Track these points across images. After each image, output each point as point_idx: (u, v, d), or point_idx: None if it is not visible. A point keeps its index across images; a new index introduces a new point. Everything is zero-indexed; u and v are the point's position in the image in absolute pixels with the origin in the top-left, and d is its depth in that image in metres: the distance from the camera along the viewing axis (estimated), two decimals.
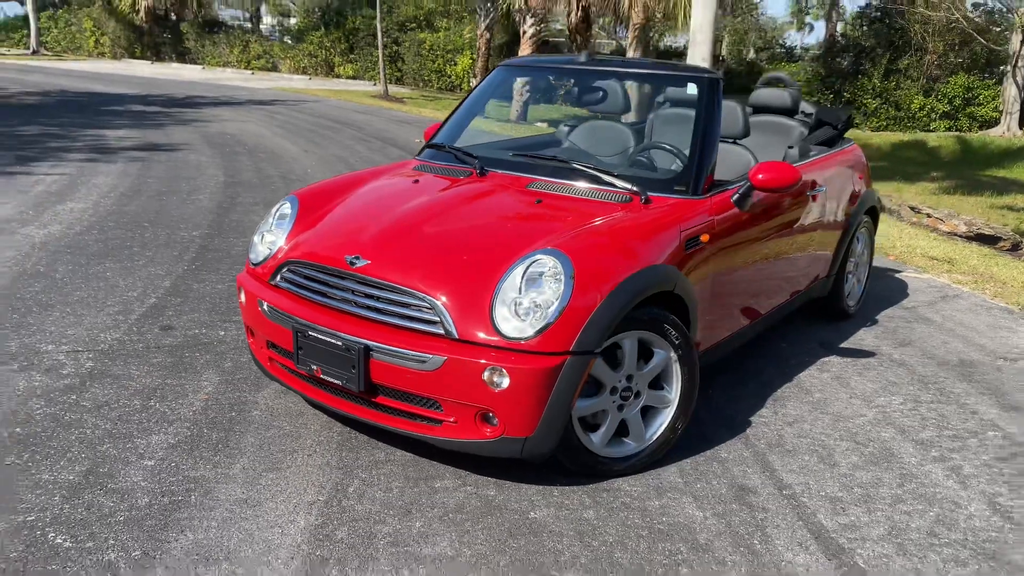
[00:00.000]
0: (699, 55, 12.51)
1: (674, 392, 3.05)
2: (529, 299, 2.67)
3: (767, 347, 4.39)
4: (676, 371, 3.03)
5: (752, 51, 26.50)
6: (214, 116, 14.69)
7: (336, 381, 2.88)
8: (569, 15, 17.85)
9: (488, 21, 19.68)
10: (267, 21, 37.85)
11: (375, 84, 26.31)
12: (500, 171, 3.52)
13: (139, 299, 4.57)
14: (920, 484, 3.05)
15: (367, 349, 2.76)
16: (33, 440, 2.99)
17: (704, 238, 3.18)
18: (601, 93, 3.84)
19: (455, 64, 26.82)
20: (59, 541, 2.43)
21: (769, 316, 4.01)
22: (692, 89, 3.59)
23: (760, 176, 3.36)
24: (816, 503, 2.88)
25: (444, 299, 2.72)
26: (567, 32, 19.33)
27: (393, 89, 24.86)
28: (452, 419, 2.74)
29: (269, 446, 3.06)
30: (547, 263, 2.71)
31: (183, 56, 34.29)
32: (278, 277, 3.16)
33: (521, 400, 2.63)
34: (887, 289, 5.67)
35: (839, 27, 28.92)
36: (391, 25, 29.38)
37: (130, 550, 2.40)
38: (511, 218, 3.15)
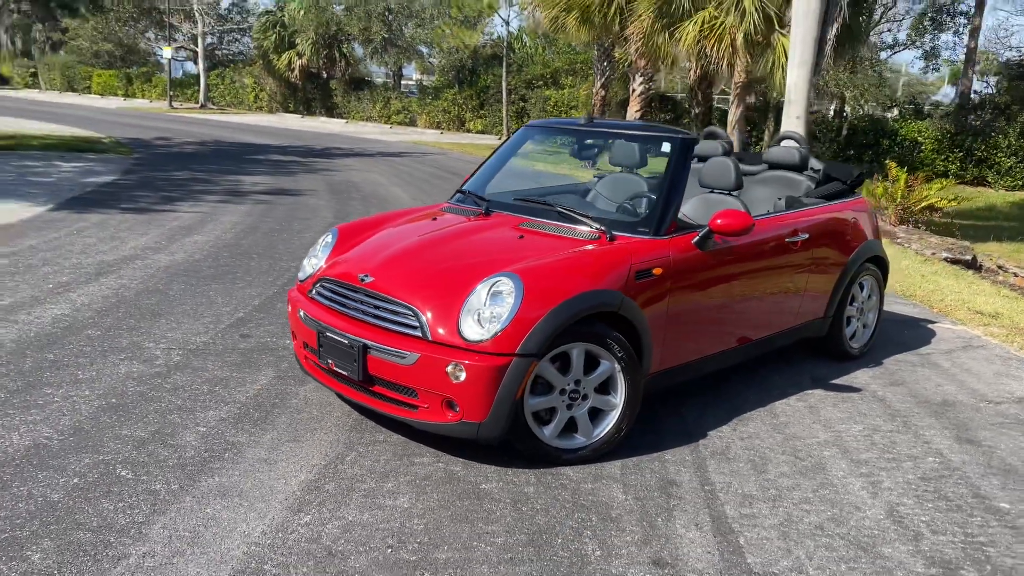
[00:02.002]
0: (793, 113, 12.92)
1: (619, 398, 3.63)
2: (489, 311, 3.35)
3: (757, 377, 4.84)
4: (620, 380, 3.61)
5: (879, 107, 26.10)
6: (343, 166, 16.17)
7: (344, 372, 3.64)
8: (690, 72, 18.44)
9: (603, 79, 20.57)
10: (411, 77, 40.33)
11: (499, 138, 27.64)
12: (503, 212, 4.24)
13: (230, 313, 5.53)
14: (833, 491, 3.48)
15: (365, 347, 3.52)
16: (122, 408, 3.91)
17: (657, 271, 3.77)
18: (596, 149, 4.51)
19: None
20: (123, 473, 3.28)
21: (748, 347, 4.49)
22: (666, 147, 4.19)
23: (718, 221, 3.92)
24: (728, 497, 3.37)
25: (423, 309, 3.44)
26: (690, 89, 19.91)
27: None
28: (426, 405, 3.43)
29: (296, 425, 3.85)
30: (505, 283, 3.39)
31: (331, 111, 37.10)
32: (314, 291, 3.98)
33: (475, 391, 3.29)
34: (911, 336, 5.94)
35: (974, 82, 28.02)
36: (519, 83, 30.90)
37: (171, 483, 3.22)
38: (494, 249, 3.86)
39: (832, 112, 26.87)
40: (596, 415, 3.65)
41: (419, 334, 3.43)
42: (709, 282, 4.08)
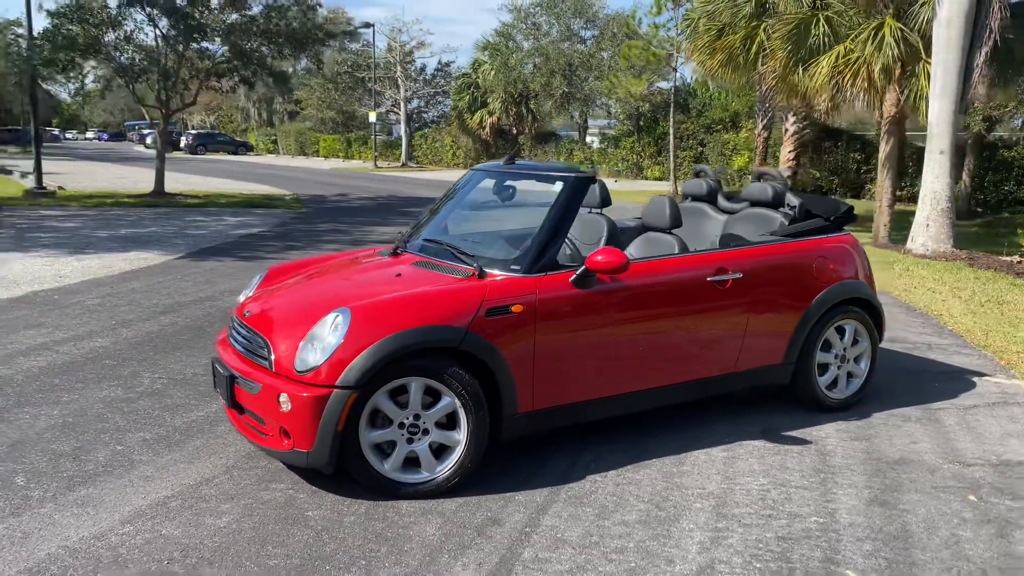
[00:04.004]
0: (936, 148, 11.97)
1: (462, 435, 3.63)
2: (320, 344, 3.53)
3: (702, 423, 4.58)
4: (462, 417, 3.62)
5: None
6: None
7: (224, 400, 3.95)
8: (877, 110, 17.34)
9: (765, 120, 19.90)
10: (595, 129, 40.98)
11: (677, 184, 27.31)
12: (409, 252, 4.40)
13: None
14: (661, 543, 3.26)
15: (232, 377, 3.81)
16: (70, 427, 4.45)
17: (516, 308, 3.75)
18: (511, 190, 4.54)
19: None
20: (18, 480, 3.77)
21: (664, 392, 4.28)
22: (557, 187, 4.16)
23: (598, 259, 3.85)
24: (538, 540, 3.27)
25: (274, 341, 3.68)
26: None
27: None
28: (270, 433, 3.65)
29: (201, 449, 4.17)
30: (339, 318, 3.55)
31: None
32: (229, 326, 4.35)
33: (301, 421, 3.46)
34: (941, 389, 5.32)
35: None
36: (698, 128, 30.51)
37: (47, 491, 3.66)
38: (364, 284, 4.04)
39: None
40: (443, 451, 3.68)
41: (267, 365, 3.67)
42: (594, 322, 3.98)
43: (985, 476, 3.97)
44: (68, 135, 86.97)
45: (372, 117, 39.77)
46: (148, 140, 60.69)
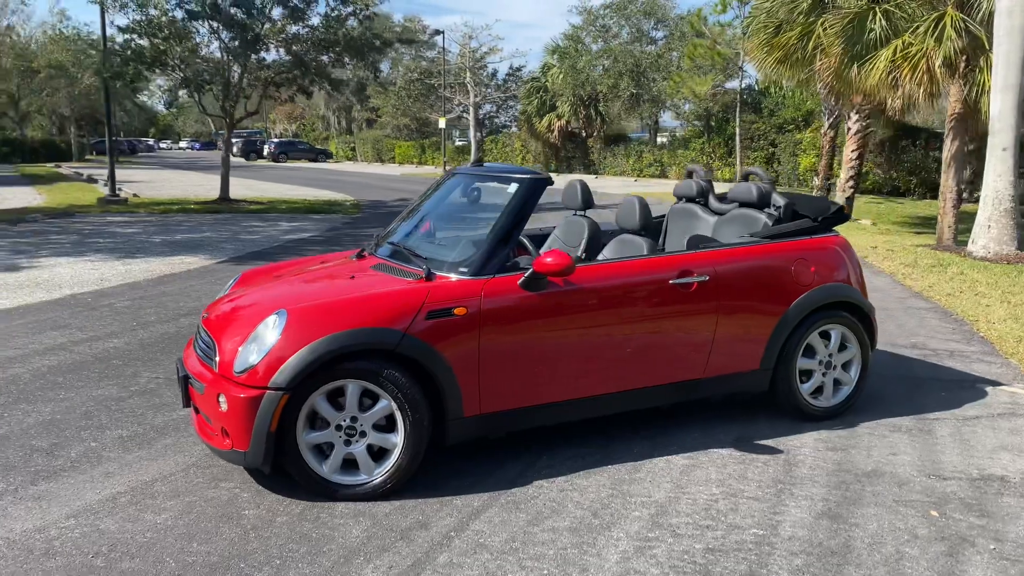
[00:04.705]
0: (998, 144, 11.39)
1: (399, 438, 3.63)
2: (257, 346, 3.58)
3: (673, 430, 4.45)
4: (399, 420, 3.61)
5: None
6: (536, 218, 16.73)
7: (182, 399, 4.05)
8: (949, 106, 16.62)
9: (831, 120, 19.27)
10: (667, 130, 40.45)
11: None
12: (374, 254, 4.42)
13: None
14: (581, 551, 3.17)
15: (186, 377, 3.90)
16: (56, 423, 4.63)
17: (459, 311, 3.72)
18: (477, 192, 4.51)
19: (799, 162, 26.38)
20: None
21: (625, 397, 4.17)
22: (511, 188, 4.11)
23: (544, 261, 3.79)
24: (460, 545, 3.23)
25: (220, 343, 3.75)
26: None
27: None
28: (216, 432, 3.72)
29: (169, 448, 4.27)
30: (277, 320, 3.60)
31: (588, 167, 38.33)
32: None
33: (236, 421, 3.52)
34: (947, 398, 5.04)
35: None
36: (770, 128, 29.78)
37: (11, 484, 3.82)
38: (315, 288, 4.08)
39: None
40: (383, 454, 3.68)
41: (213, 366, 3.74)
42: (544, 325, 3.91)
43: (958, 491, 3.74)
44: (162, 145, 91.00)
45: (442, 123, 40.25)
46: (234, 149, 63.27)
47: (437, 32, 38.89)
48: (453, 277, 3.86)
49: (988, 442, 4.34)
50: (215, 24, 17.11)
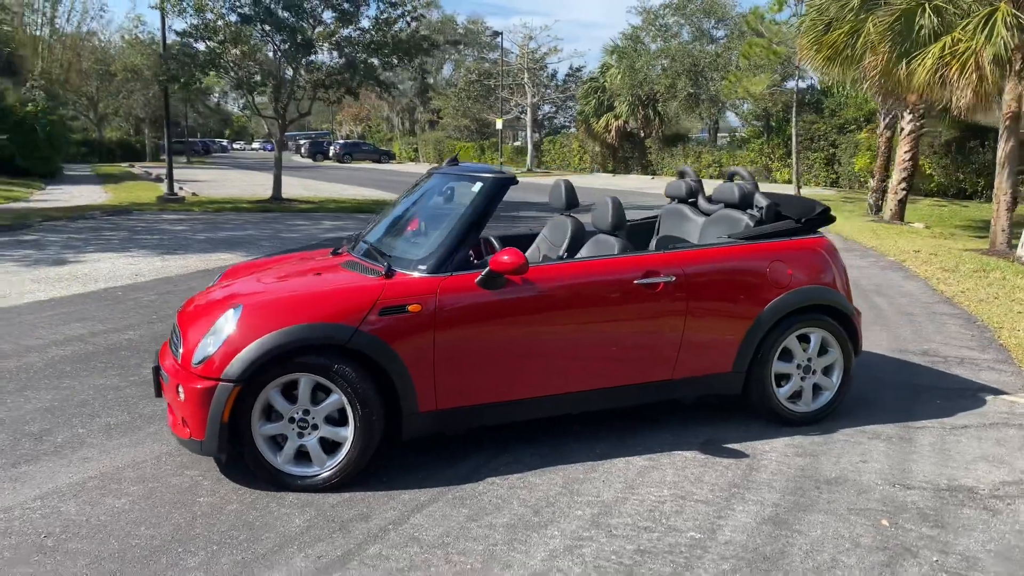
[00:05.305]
0: None
1: (349, 431, 3.70)
2: (213, 339, 3.69)
3: (645, 431, 4.42)
4: (350, 414, 3.68)
5: None
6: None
7: (154, 390, 4.20)
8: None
9: (888, 120, 18.71)
10: (728, 131, 39.82)
11: (799, 188, 26.14)
12: (347, 252, 4.51)
13: None
14: (510, 548, 3.19)
15: (156, 368, 4.05)
16: (52, 410, 4.85)
17: (414, 308, 3.77)
18: (450, 190, 4.55)
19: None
20: None
21: (588, 396, 4.16)
22: (475, 187, 4.14)
23: (501, 259, 3.82)
24: (396, 538, 3.28)
25: (185, 335, 3.89)
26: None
27: (813, 192, 24.61)
28: (179, 421, 3.85)
29: (152, 436, 4.43)
30: (233, 314, 3.71)
31: (645, 168, 38.01)
32: None
33: (193, 411, 3.64)
34: (945, 407, 4.87)
35: None
36: (830, 128, 29.09)
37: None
38: (280, 283, 4.17)
39: None
40: (337, 447, 3.76)
41: (177, 357, 3.88)
42: (502, 323, 3.93)
43: (919, 501, 3.62)
44: (235, 146, 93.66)
45: (499, 124, 40.43)
46: (302, 150, 64.82)
47: (496, 34, 39.08)
48: (414, 275, 3.91)
49: (969, 452, 4.19)
50: (267, 28, 17.54)
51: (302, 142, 67.79)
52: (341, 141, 62.75)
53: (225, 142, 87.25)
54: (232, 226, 14.79)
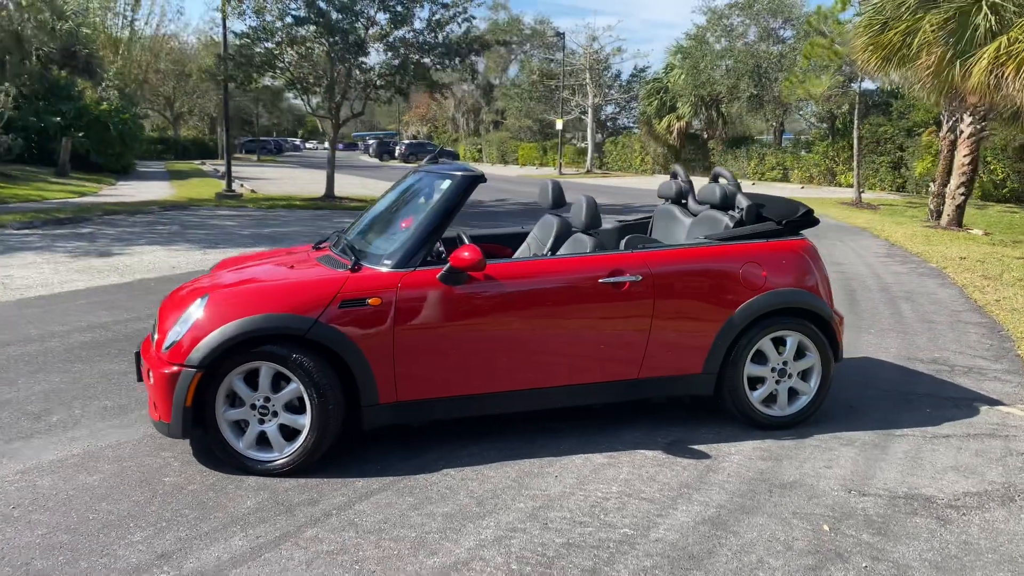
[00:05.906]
0: None
1: (307, 418, 3.82)
2: (181, 327, 3.87)
3: (612, 429, 4.44)
4: (307, 403, 3.81)
5: None
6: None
7: (136, 374, 4.40)
8: None
9: (951, 123, 18.08)
10: (795, 133, 39.01)
11: (861, 192, 25.44)
12: (327, 247, 4.64)
13: None
14: (441, 536, 3.26)
15: (137, 354, 4.26)
16: (54, 392, 5.11)
17: (374, 302, 3.88)
18: (429, 189, 4.63)
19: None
20: None
21: (548, 393, 4.19)
22: (444, 184, 4.22)
23: (461, 255, 3.90)
24: (335, 523, 3.39)
25: (162, 322, 4.07)
26: None
27: (877, 197, 24.02)
28: (151, 404, 4.04)
29: (142, 419, 4.67)
30: (200, 302, 3.88)
31: (708, 170, 37.47)
32: None
33: (160, 395, 3.82)
34: (934, 416, 4.75)
35: None
36: (898, 131, 28.23)
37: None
38: (253, 275, 4.33)
39: None
40: (296, 433, 3.89)
41: (153, 344, 4.07)
42: (463, 318, 4.01)
43: (870, 507, 3.56)
44: (308, 145, 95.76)
45: (559, 124, 40.44)
46: (370, 150, 66.05)
47: (559, 34, 39.08)
48: (380, 269, 4.02)
49: (941, 462, 4.08)
50: (320, 29, 17.96)
51: (370, 142, 69.03)
52: (407, 141, 63.61)
53: (298, 141, 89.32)
54: (279, 222, 15.20)
